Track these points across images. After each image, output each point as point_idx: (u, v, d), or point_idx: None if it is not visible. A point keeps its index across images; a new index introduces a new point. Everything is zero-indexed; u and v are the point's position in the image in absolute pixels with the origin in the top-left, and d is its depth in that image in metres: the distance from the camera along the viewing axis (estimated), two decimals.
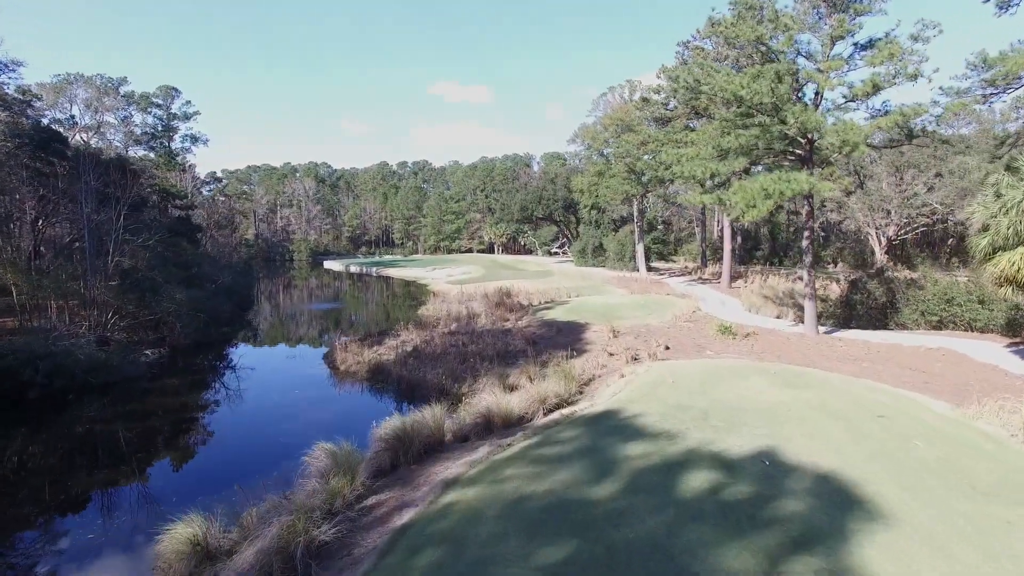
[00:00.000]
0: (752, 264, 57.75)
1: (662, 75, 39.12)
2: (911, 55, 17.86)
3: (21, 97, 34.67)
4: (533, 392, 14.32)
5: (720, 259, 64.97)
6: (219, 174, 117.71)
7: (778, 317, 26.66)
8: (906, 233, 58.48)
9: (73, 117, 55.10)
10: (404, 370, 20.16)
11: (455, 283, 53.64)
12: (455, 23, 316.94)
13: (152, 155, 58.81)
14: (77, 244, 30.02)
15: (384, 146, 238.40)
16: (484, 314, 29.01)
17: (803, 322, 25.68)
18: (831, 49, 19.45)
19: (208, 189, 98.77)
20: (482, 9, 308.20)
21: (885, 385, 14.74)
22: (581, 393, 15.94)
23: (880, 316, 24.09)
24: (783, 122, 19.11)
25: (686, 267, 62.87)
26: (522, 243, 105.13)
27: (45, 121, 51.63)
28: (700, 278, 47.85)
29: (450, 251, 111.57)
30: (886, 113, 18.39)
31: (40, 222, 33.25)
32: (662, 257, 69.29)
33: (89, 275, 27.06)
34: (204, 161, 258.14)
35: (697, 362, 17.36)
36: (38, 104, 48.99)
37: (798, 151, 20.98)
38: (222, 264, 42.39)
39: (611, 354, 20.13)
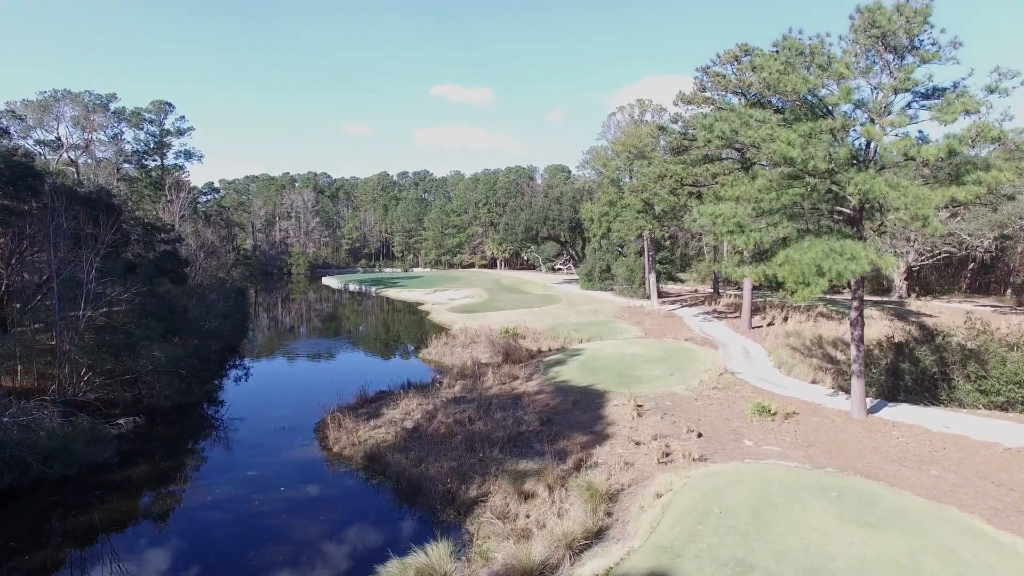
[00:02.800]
0: (763, 291, 55.12)
1: (679, 102, 36.80)
2: (988, 109, 15.51)
3: None
4: (555, 531, 11.98)
5: (732, 282, 62.71)
6: (216, 184, 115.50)
7: (814, 382, 24.27)
8: (926, 260, 56.19)
9: (59, 139, 52.75)
10: (405, 460, 17.76)
11: (458, 309, 51.62)
12: (455, 26, 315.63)
13: (139, 179, 56.42)
14: (46, 292, 27.72)
15: (385, 151, 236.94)
16: (491, 370, 26.70)
17: (843, 389, 23.37)
18: (891, 98, 17.08)
19: (205, 199, 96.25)
20: (481, 10, 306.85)
21: (976, 520, 12.35)
22: (610, 515, 13.56)
23: (930, 387, 21.70)
24: (837, 184, 16.77)
25: (696, 291, 60.42)
26: (525, 258, 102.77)
27: (30, 143, 49.46)
28: (715, 310, 45.42)
29: (451, 265, 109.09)
30: (957, 178, 15.98)
31: (14, 260, 30.94)
32: (670, 278, 66.84)
33: (59, 329, 24.72)
34: (201, 171, 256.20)
35: (741, 471, 14.94)
36: (18, 126, 46.80)
37: (846, 210, 18.62)
38: (211, 299, 39.90)
39: (637, 443, 17.77)
